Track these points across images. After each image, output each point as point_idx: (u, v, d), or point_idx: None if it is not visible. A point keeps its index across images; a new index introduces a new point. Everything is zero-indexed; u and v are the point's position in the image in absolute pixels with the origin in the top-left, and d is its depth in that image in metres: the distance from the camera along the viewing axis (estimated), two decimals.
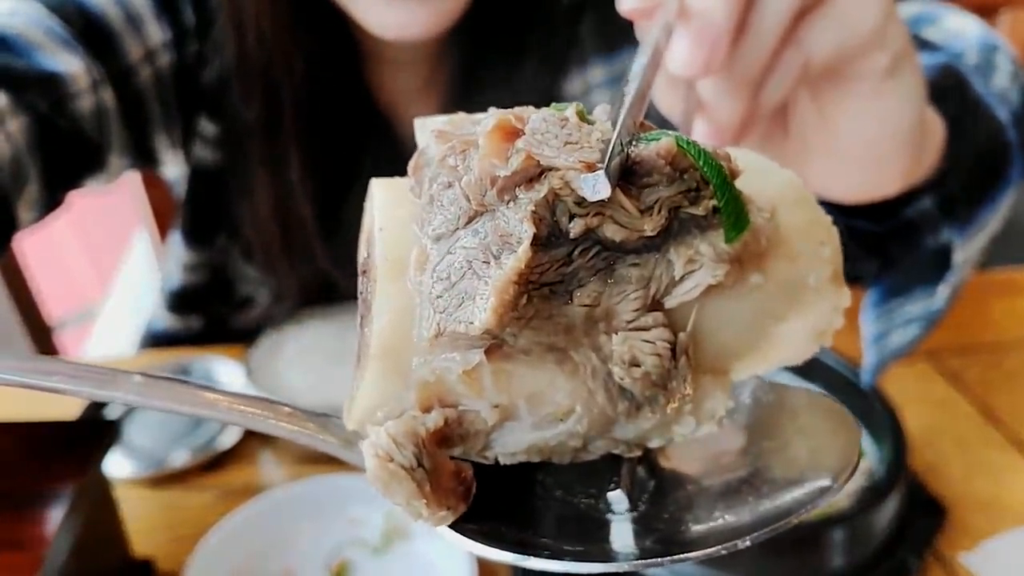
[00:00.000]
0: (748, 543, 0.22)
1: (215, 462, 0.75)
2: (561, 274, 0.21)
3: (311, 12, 0.77)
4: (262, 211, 0.83)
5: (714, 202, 0.21)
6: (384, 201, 0.24)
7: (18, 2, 0.76)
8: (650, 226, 0.21)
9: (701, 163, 0.21)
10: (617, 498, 0.23)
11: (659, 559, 0.22)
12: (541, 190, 0.20)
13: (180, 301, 0.96)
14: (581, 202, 0.20)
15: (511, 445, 0.22)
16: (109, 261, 2.87)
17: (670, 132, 0.23)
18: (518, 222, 0.20)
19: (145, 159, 0.87)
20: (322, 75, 0.79)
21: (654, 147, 0.21)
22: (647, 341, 0.21)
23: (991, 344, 0.91)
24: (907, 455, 0.61)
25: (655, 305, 0.22)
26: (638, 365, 0.21)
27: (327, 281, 0.87)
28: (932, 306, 0.55)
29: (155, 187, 1.10)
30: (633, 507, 0.23)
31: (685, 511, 0.23)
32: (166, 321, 0.98)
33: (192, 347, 0.91)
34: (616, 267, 0.21)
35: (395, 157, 0.90)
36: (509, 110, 0.23)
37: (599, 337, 0.21)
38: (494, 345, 0.21)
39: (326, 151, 0.82)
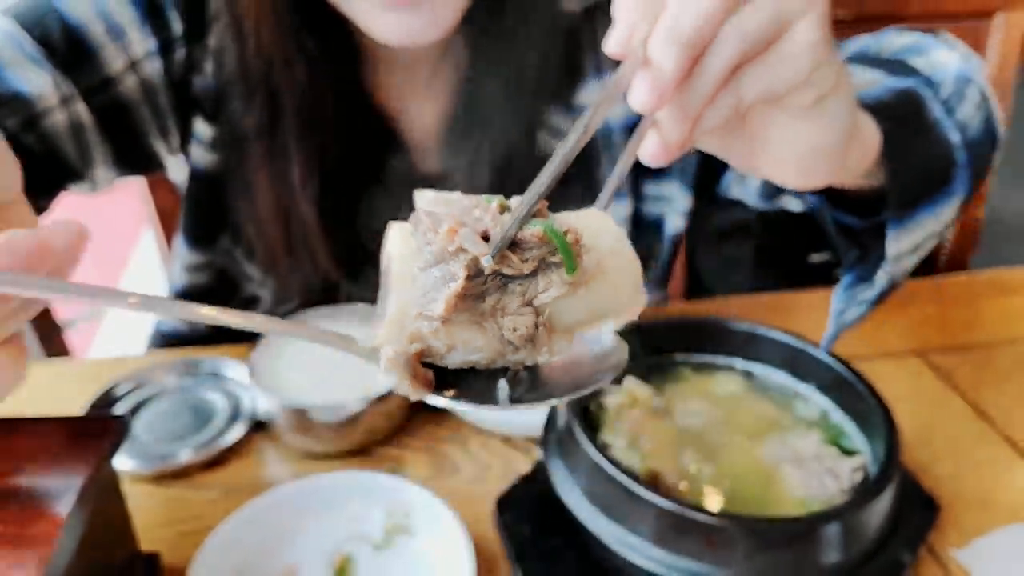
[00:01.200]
0: (563, 399, 0.41)
1: (220, 459, 0.76)
2: (481, 290, 0.39)
3: (312, 19, 0.77)
4: (264, 213, 0.84)
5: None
6: (396, 239, 0.41)
7: None
8: (527, 269, 0.39)
9: (556, 240, 0.39)
10: (502, 385, 0.41)
11: (520, 404, 0.40)
12: (469, 255, 0.38)
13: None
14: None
15: (455, 361, 0.40)
16: (116, 261, 2.88)
17: (545, 221, 0.40)
18: (460, 268, 0.38)
19: (141, 166, 0.88)
20: (323, 79, 0.80)
21: (531, 231, 0.39)
22: (523, 318, 0.39)
23: (981, 343, 0.92)
24: (900, 452, 0.61)
25: (528, 304, 0.40)
26: (516, 330, 0.39)
27: (328, 281, 0.88)
28: (874, 291, 0.64)
29: (160, 188, 1.11)
30: (513, 390, 0.41)
31: (541, 388, 0.41)
32: (173, 321, 0.99)
33: (199, 347, 0.92)
34: (509, 286, 0.39)
35: (394, 157, 0.91)
36: (454, 218, 0.39)
37: (500, 318, 0.39)
38: (445, 319, 0.39)
39: (326, 152, 0.83)
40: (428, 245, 0.39)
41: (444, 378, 0.40)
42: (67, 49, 0.78)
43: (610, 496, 0.58)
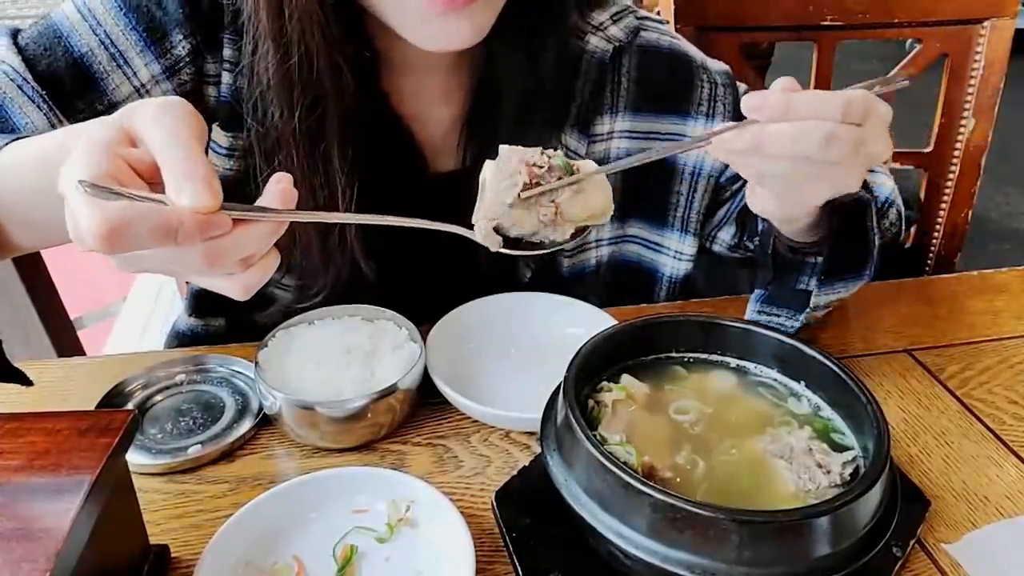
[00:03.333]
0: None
1: (228, 454, 0.77)
2: (529, 191, 0.63)
3: (354, 27, 0.79)
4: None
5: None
6: (488, 168, 0.65)
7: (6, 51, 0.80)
8: (553, 179, 0.64)
9: (563, 164, 0.65)
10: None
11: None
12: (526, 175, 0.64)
13: (200, 305, 0.97)
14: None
15: (513, 233, 0.65)
16: None
17: (563, 157, 0.65)
18: (520, 181, 0.64)
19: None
20: (363, 85, 0.81)
21: (556, 163, 0.65)
22: (548, 208, 0.64)
23: (968, 342, 0.94)
24: (890, 447, 0.62)
25: (552, 202, 0.64)
26: (545, 215, 0.64)
27: (356, 277, 0.89)
28: (796, 325, 0.85)
29: None
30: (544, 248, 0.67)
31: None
32: (189, 322, 1.00)
33: (213, 346, 0.93)
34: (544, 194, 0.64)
35: (416, 159, 0.93)
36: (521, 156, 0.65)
37: (537, 207, 0.64)
38: (512, 204, 0.64)
39: (367, 158, 0.84)
40: (505, 171, 0.64)
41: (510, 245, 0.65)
42: (72, 80, 0.81)
43: (606, 489, 0.59)
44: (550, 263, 1.00)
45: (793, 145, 0.61)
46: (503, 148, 0.65)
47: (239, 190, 0.88)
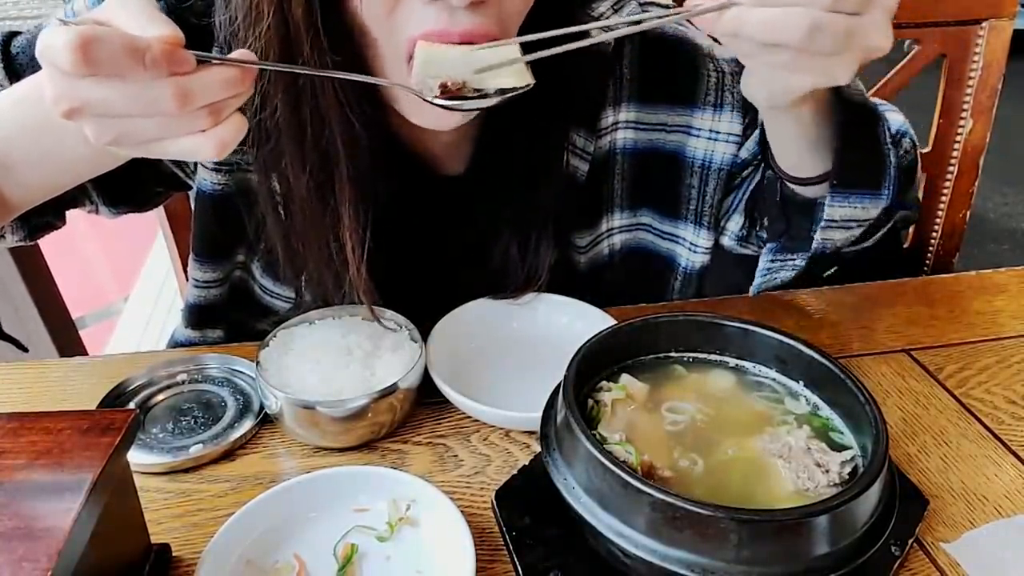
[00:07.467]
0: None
1: (229, 453, 0.77)
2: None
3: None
4: (313, 251, 0.83)
5: None
6: (418, 52, 0.68)
7: None
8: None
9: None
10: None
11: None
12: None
13: (197, 316, 0.97)
14: None
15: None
16: (127, 262, 2.89)
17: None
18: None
19: (145, 201, 0.92)
20: (372, 124, 0.80)
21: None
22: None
23: (966, 342, 0.94)
24: (888, 446, 0.62)
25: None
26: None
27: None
28: (805, 256, 0.84)
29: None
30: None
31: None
32: (187, 334, 1.00)
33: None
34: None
35: (423, 166, 0.92)
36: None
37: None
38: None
39: (378, 200, 0.83)
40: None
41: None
42: None
43: (606, 488, 0.59)
44: (565, 260, 0.98)
45: (773, 33, 0.58)
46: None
47: (229, 205, 0.87)
